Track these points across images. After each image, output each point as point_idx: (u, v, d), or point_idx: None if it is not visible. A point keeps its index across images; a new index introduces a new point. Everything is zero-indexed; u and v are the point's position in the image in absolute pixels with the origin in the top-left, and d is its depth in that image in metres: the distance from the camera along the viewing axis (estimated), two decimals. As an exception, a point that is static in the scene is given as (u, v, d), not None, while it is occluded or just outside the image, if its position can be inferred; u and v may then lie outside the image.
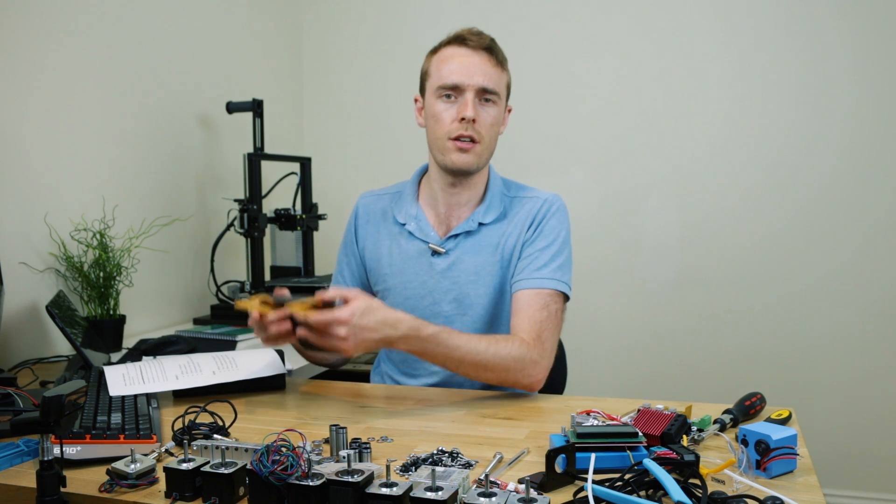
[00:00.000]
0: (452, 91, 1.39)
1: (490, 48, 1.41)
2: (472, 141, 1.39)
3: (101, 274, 1.77)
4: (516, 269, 1.42)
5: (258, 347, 1.52)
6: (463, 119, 1.37)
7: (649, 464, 0.81)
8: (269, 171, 2.28)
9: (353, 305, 1.15)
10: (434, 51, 1.45)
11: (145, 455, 0.94)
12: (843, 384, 2.39)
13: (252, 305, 1.19)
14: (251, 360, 1.36)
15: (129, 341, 1.77)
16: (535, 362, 1.29)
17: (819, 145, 2.36)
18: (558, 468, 0.86)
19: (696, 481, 0.81)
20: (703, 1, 2.43)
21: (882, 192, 2.32)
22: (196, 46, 2.30)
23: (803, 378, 2.41)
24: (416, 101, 1.51)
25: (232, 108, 2.26)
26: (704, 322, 2.50)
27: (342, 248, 1.59)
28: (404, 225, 1.49)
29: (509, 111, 1.50)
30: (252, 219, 2.12)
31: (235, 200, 2.17)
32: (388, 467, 0.81)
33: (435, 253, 1.45)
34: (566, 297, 1.41)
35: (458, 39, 1.42)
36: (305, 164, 2.38)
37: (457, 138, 1.39)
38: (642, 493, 0.80)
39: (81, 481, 0.90)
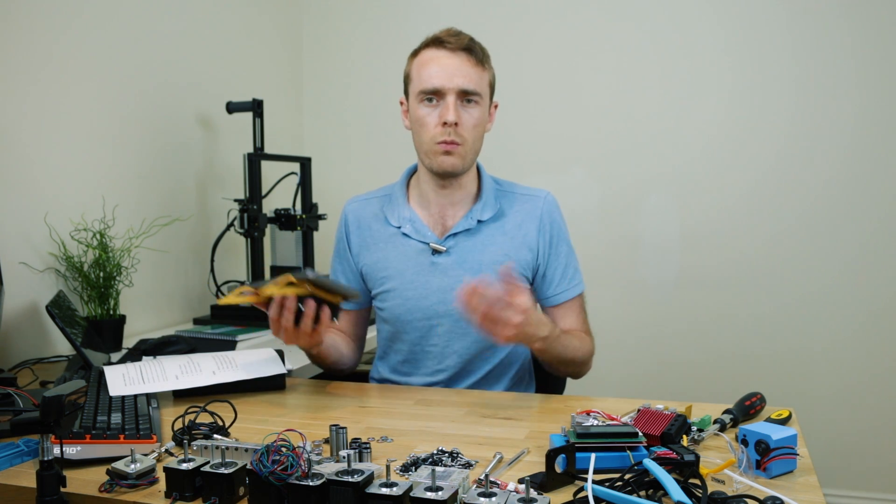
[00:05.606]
0: (434, 95, 1.38)
1: (469, 48, 1.39)
2: (456, 144, 1.38)
3: (101, 274, 1.77)
4: (546, 281, 1.47)
5: (258, 347, 1.52)
6: (445, 123, 1.37)
7: (649, 464, 0.81)
8: (269, 171, 2.28)
9: (528, 298, 1.19)
10: (414, 53, 1.44)
11: (145, 455, 0.94)
12: (843, 384, 2.38)
13: (233, 299, 1.24)
14: (251, 360, 1.36)
15: (129, 341, 1.77)
16: (592, 355, 1.47)
17: (820, 145, 2.36)
18: (558, 468, 0.86)
19: (696, 481, 0.81)
20: (704, 0, 2.43)
21: (883, 194, 2.31)
22: (196, 46, 2.30)
23: (803, 378, 2.41)
24: (401, 103, 1.50)
25: (232, 108, 2.26)
26: (704, 322, 2.50)
27: (335, 256, 1.58)
28: (399, 227, 1.48)
29: (496, 107, 1.49)
30: (252, 219, 2.12)
31: (235, 200, 2.17)
32: (388, 467, 0.81)
33: (435, 252, 1.45)
34: None
35: (437, 41, 1.40)
36: (305, 164, 2.38)
37: (441, 142, 1.38)
38: (642, 493, 0.80)
39: (81, 481, 0.90)
